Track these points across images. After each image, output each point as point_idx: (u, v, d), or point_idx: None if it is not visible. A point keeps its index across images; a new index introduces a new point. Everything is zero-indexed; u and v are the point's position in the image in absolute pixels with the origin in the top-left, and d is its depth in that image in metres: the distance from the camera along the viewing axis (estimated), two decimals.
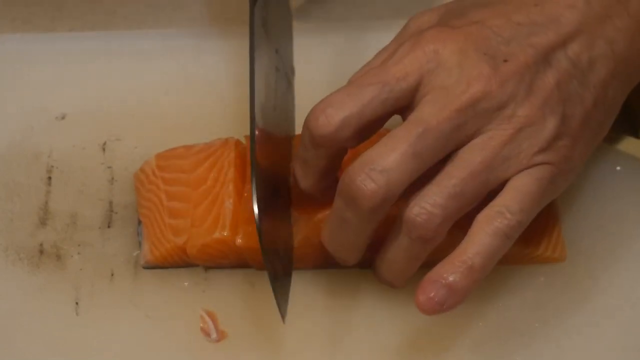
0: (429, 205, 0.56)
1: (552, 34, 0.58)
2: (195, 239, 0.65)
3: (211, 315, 0.66)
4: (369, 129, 0.59)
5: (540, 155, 0.58)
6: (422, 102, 0.57)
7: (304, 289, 0.66)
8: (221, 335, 0.65)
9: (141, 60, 0.75)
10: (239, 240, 0.64)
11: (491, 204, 0.57)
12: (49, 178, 0.71)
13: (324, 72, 0.74)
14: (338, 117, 0.57)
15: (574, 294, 0.66)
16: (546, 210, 0.61)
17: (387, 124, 0.61)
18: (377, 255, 0.61)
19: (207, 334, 0.65)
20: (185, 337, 0.65)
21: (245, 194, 0.65)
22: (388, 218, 0.58)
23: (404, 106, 0.58)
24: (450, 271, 0.57)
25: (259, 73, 0.63)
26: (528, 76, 0.58)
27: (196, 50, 0.76)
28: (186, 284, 0.67)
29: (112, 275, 0.67)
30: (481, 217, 0.57)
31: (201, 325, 0.65)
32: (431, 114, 0.56)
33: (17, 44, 0.77)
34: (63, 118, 0.73)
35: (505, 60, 0.57)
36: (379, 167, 0.56)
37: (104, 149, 0.72)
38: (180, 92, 0.74)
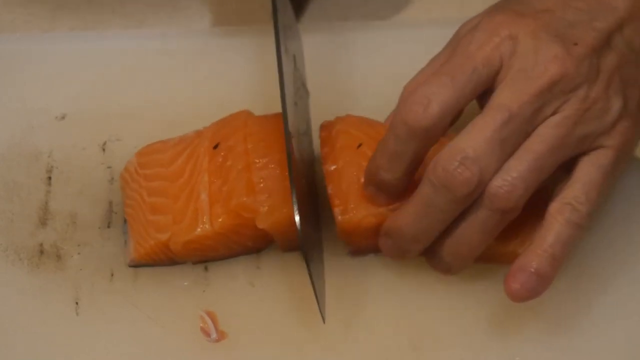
0: (511, 177, 0.58)
1: (611, 19, 0.61)
2: (177, 235, 0.65)
3: (211, 315, 0.66)
4: (458, 117, 0.60)
5: (604, 137, 0.60)
6: (501, 87, 0.59)
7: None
8: (221, 335, 0.65)
9: (141, 60, 0.75)
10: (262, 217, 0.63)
11: (560, 196, 0.60)
12: (49, 178, 0.71)
13: (324, 71, 0.74)
14: (438, 107, 0.58)
15: (574, 294, 0.66)
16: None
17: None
18: (439, 239, 0.62)
19: (207, 334, 0.65)
20: (185, 337, 0.65)
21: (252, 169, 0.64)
22: None
23: (486, 90, 0.60)
24: (536, 260, 0.59)
25: (286, 78, 0.64)
26: (595, 58, 0.60)
27: (196, 50, 0.76)
28: (186, 284, 0.67)
29: (112, 275, 0.67)
30: (552, 210, 0.60)
31: (201, 325, 0.65)
32: (512, 99, 0.58)
33: (17, 44, 0.77)
34: (63, 118, 0.73)
35: (575, 43, 0.60)
36: (471, 155, 0.58)
37: (104, 149, 0.72)
38: (180, 92, 0.74)
